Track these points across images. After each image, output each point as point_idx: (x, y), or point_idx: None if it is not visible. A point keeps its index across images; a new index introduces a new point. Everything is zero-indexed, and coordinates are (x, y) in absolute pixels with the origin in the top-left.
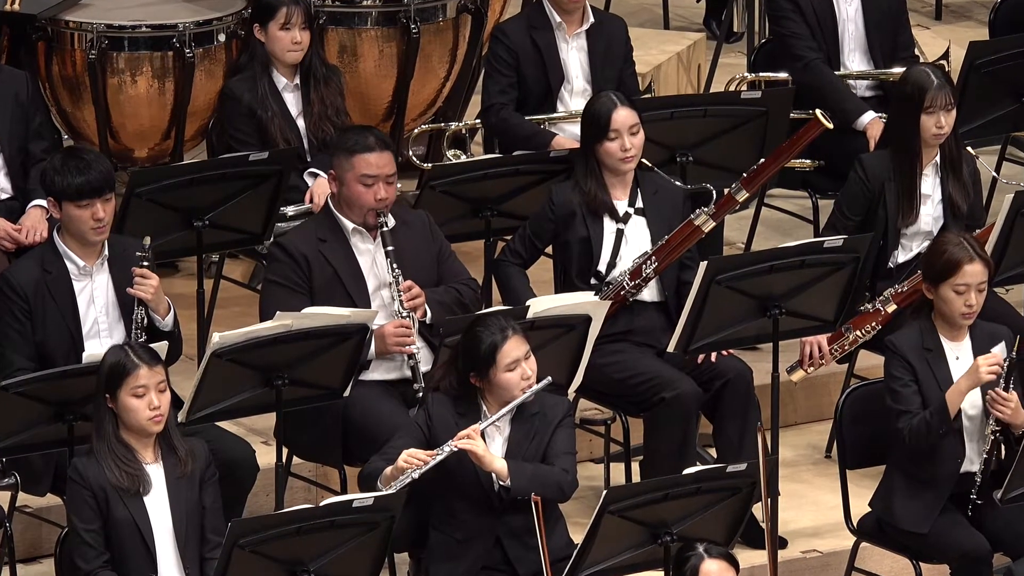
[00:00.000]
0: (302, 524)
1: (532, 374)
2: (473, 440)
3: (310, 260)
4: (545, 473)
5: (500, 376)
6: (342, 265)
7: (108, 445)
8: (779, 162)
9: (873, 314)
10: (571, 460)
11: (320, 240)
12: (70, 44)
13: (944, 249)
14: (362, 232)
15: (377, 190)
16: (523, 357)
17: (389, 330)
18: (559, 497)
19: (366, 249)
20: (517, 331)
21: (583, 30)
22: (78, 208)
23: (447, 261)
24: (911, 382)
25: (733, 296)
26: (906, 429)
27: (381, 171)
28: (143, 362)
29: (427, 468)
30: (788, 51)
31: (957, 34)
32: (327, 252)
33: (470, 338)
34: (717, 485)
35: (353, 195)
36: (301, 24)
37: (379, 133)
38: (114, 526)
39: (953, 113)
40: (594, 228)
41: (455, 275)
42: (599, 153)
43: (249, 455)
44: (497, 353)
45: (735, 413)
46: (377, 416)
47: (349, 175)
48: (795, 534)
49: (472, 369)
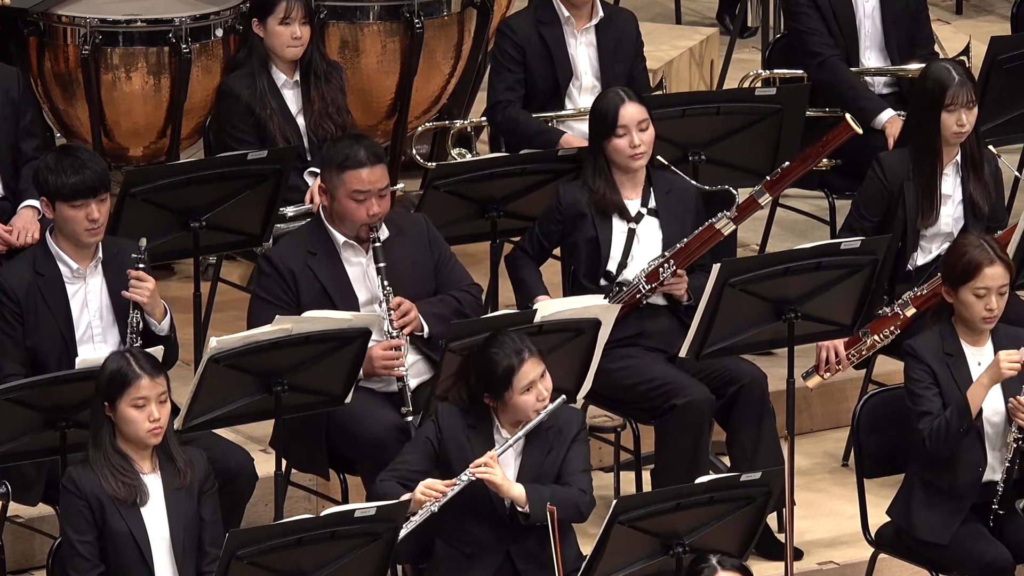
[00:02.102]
0: (302, 535)
1: (548, 393)
2: (491, 469)
3: (297, 275)
4: (563, 496)
5: (516, 399)
6: (331, 281)
7: (104, 454)
8: (805, 166)
9: (891, 318)
10: (587, 479)
11: (310, 253)
12: (62, 39)
13: (964, 251)
14: (354, 246)
15: (369, 205)
16: (539, 378)
17: (377, 352)
18: (577, 518)
19: (358, 262)
20: (533, 352)
21: (592, 25)
22: (72, 208)
23: (447, 267)
24: (931, 384)
25: (747, 299)
26: (926, 430)
27: (373, 186)
28: (145, 372)
29: (445, 500)
30: (804, 47)
31: (978, 29)
32: (316, 266)
33: (484, 360)
34: (731, 495)
35: (344, 210)
36: (301, 19)
37: (371, 145)
38: (110, 538)
39: (974, 111)
40: (603, 228)
41: (456, 282)
42: (608, 151)
43: (247, 464)
44: (514, 377)
45: (749, 420)
46: (360, 419)
47: (340, 191)
48: (811, 545)
49: (487, 391)
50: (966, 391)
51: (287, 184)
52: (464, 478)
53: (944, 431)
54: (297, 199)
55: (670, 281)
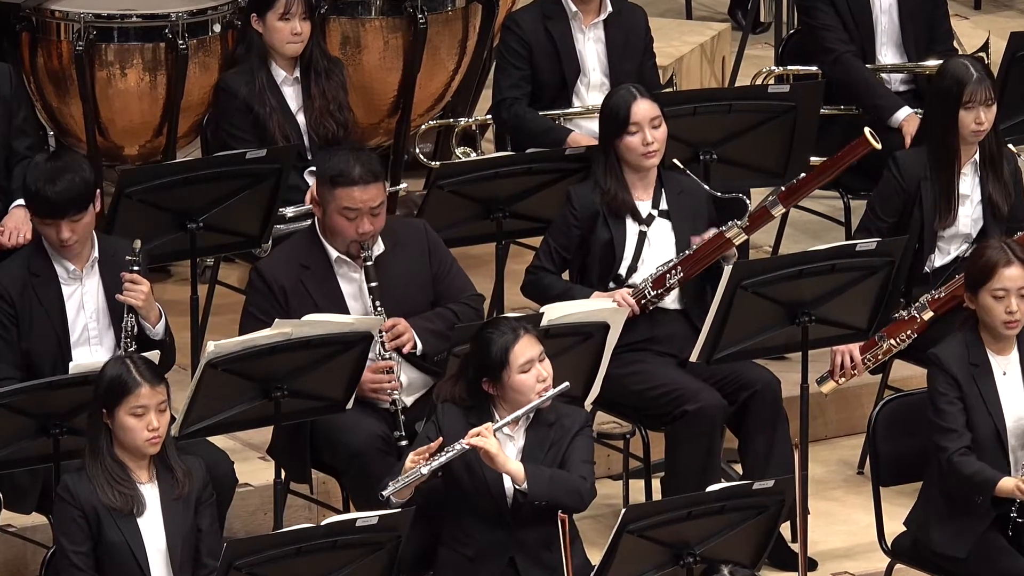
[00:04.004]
0: (302, 545)
1: (548, 376)
2: (486, 437)
3: (288, 291)
4: (564, 478)
5: (514, 378)
6: (323, 298)
7: (101, 463)
8: (821, 179)
9: (908, 321)
10: (589, 468)
11: (303, 267)
12: (56, 35)
13: (982, 253)
14: (348, 261)
15: (360, 223)
16: (537, 358)
17: (367, 376)
18: (578, 505)
19: (352, 278)
20: (529, 331)
21: (600, 20)
22: (42, 224)
23: (448, 278)
24: (956, 399)
25: (760, 302)
26: (946, 458)
27: (364, 205)
28: (145, 380)
29: (437, 464)
30: (818, 43)
31: (997, 24)
32: (308, 282)
33: (480, 343)
34: (743, 503)
35: (335, 226)
36: (301, 14)
37: (368, 161)
38: (105, 548)
39: (993, 108)
40: (617, 231)
41: (457, 292)
42: (619, 149)
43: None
44: (509, 354)
45: (762, 427)
46: (343, 428)
47: (331, 205)
48: (826, 555)
49: (484, 375)
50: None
51: (287, 184)
52: (457, 447)
53: (963, 481)
54: (297, 199)
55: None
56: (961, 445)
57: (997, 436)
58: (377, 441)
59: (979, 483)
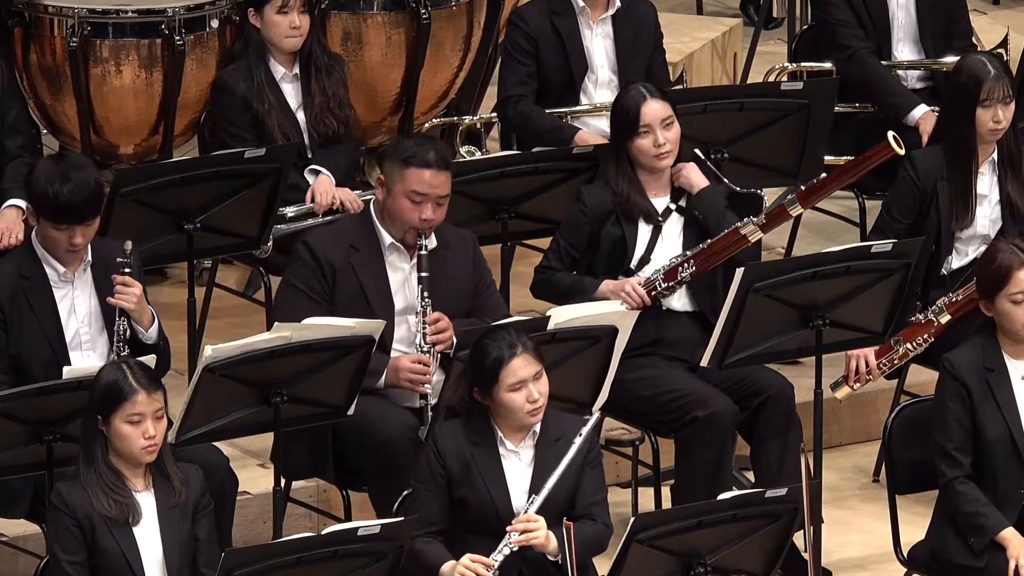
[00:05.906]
0: (302, 554)
1: (540, 397)
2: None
3: (336, 269)
4: (590, 540)
5: (503, 395)
6: (370, 281)
7: (96, 470)
8: (841, 181)
9: (925, 325)
10: (605, 507)
11: (353, 248)
12: (49, 31)
13: (993, 258)
14: (399, 249)
15: (424, 209)
16: (531, 378)
17: (405, 363)
18: (598, 553)
19: (401, 268)
20: (528, 348)
21: (609, 15)
22: (55, 230)
23: (485, 293)
24: (962, 415)
25: (772, 305)
26: (944, 483)
27: (433, 191)
28: (142, 387)
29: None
30: (832, 39)
31: (1017, 20)
32: (357, 263)
33: (477, 352)
34: (755, 512)
35: (398, 209)
36: (300, 8)
37: (442, 149)
38: (100, 558)
39: (1012, 106)
40: (629, 231)
41: (492, 310)
42: (631, 151)
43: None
44: (501, 370)
45: (775, 433)
46: (373, 418)
47: (398, 186)
48: (840, 565)
49: (476, 384)
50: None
51: (286, 183)
52: (506, 550)
53: (960, 517)
54: (297, 199)
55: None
56: (960, 474)
57: (1012, 441)
58: (409, 431)
59: (974, 527)
